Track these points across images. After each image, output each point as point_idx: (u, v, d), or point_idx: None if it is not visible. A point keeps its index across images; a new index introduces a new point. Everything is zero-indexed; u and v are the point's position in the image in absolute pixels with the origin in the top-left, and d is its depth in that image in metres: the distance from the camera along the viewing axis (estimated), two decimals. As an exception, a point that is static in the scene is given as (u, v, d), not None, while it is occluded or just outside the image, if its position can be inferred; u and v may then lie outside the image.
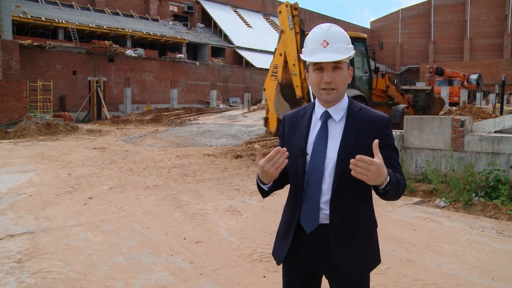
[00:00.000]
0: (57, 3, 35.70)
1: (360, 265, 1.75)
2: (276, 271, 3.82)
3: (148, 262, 4.02)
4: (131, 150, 12.83)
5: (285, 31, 10.26)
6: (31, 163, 10.03)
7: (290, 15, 10.17)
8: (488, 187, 6.31)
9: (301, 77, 10.15)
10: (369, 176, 1.50)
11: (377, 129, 1.71)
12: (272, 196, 7.21)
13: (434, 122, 7.45)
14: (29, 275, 3.69)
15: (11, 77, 21.46)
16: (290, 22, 10.22)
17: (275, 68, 10.57)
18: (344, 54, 1.69)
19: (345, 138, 1.70)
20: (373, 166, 1.49)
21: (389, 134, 1.73)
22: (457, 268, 3.90)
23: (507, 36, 54.45)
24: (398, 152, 1.78)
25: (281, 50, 10.55)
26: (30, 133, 16.96)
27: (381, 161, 1.53)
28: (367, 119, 1.72)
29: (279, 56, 10.64)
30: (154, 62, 33.79)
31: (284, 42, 10.36)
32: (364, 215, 1.78)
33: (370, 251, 1.79)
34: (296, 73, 10.15)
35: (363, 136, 1.69)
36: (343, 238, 1.72)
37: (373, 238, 1.82)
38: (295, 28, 10.11)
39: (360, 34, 11.72)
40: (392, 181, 1.59)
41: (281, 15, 10.31)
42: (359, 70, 11.00)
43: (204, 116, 24.42)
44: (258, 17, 55.25)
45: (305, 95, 10.37)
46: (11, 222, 5.24)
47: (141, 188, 7.41)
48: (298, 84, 10.23)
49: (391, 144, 1.74)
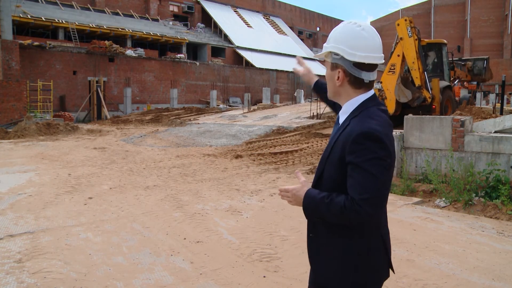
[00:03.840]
0: (57, 3, 35.71)
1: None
2: (276, 271, 3.82)
3: (148, 262, 4.02)
4: (131, 150, 12.83)
5: (404, 38, 13.54)
6: (31, 163, 10.03)
7: (408, 27, 13.43)
8: (488, 187, 6.31)
9: (419, 71, 13.55)
10: (292, 202, 1.70)
11: (344, 143, 1.57)
12: (272, 196, 7.16)
13: (434, 122, 7.45)
14: (29, 275, 3.69)
15: (11, 77, 21.47)
16: (409, 31, 13.42)
17: (392, 66, 13.65)
18: (321, 52, 1.75)
19: (328, 143, 1.71)
20: (289, 193, 1.70)
21: (355, 150, 1.52)
22: (457, 268, 3.90)
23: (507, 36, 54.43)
24: (365, 170, 1.51)
25: (399, 52, 13.66)
26: (30, 133, 16.96)
27: (298, 187, 1.66)
28: (346, 130, 1.60)
29: (397, 56, 13.70)
30: (154, 62, 33.79)
31: (403, 46, 13.59)
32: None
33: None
34: (415, 68, 13.55)
35: (336, 147, 1.63)
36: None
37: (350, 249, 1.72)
38: (413, 36, 13.41)
39: (442, 40, 16.30)
40: (310, 206, 1.62)
41: (399, 26, 13.60)
42: (446, 67, 15.59)
43: (204, 116, 24.42)
44: (258, 17, 55.26)
45: (422, 84, 13.70)
46: (11, 222, 5.25)
47: (141, 188, 7.41)
48: (417, 76, 13.61)
49: (354, 161, 1.52)
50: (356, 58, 1.61)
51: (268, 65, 43.91)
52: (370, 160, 1.51)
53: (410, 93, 13.66)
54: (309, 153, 11.46)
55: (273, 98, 39.94)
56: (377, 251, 1.67)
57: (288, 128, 16.53)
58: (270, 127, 17.00)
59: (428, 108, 14.05)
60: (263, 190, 7.30)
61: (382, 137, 1.54)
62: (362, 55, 1.61)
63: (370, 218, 1.52)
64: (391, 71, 13.78)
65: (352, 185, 1.53)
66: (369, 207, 1.50)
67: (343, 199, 1.54)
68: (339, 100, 1.75)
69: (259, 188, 7.43)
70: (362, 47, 1.61)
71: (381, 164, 1.52)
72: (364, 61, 1.61)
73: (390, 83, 13.76)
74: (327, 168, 1.66)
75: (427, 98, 13.80)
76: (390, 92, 13.76)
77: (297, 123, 17.58)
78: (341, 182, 1.60)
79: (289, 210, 5.92)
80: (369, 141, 1.52)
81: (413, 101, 13.75)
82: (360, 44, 1.61)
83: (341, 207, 1.53)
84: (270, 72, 43.44)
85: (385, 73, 14.08)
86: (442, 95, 14.47)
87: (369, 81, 1.66)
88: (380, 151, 1.52)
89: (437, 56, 15.84)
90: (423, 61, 14.08)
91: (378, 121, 1.58)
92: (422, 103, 13.91)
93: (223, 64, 40.44)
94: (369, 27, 1.65)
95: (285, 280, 3.65)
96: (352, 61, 1.62)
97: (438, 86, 14.30)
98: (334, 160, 1.62)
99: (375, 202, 1.52)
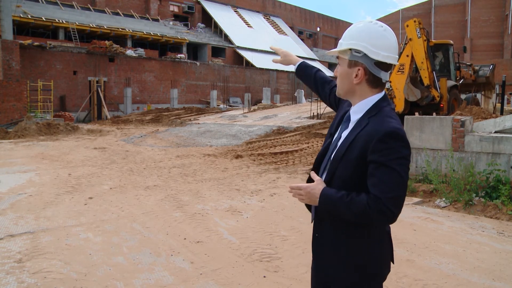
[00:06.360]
0: (58, 3, 35.72)
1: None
2: (276, 271, 3.82)
3: (148, 262, 4.02)
4: (131, 150, 12.83)
5: (413, 39, 13.80)
6: (31, 163, 10.03)
7: (418, 28, 13.71)
8: (488, 187, 6.30)
9: (428, 70, 13.83)
10: (305, 199, 1.67)
11: (367, 141, 1.56)
12: (272, 196, 7.16)
13: (434, 122, 7.44)
14: (30, 275, 3.69)
15: (12, 77, 21.47)
16: (418, 32, 13.66)
17: (401, 66, 13.88)
18: (337, 48, 1.73)
19: (344, 141, 1.67)
20: (302, 191, 1.67)
21: (381, 149, 1.51)
22: (458, 268, 3.90)
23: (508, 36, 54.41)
24: (392, 169, 1.50)
25: (408, 52, 13.93)
26: (31, 133, 16.96)
27: (313, 185, 1.64)
28: (366, 129, 1.59)
29: (406, 57, 13.93)
30: (154, 62, 33.80)
31: (412, 46, 13.87)
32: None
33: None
34: (424, 68, 13.85)
35: (354, 146, 1.60)
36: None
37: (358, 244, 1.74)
38: (422, 37, 13.68)
39: (448, 40, 16.52)
40: (327, 204, 1.61)
41: (408, 28, 13.89)
42: (452, 67, 15.85)
43: (204, 116, 24.42)
44: (259, 17, 55.26)
45: (431, 84, 13.95)
46: (11, 222, 5.25)
47: (141, 188, 7.42)
48: (426, 75, 13.89)
49: (379, 160, 1.51)
50: (379, 57, 1.62)
51: (268, 65, 43.88)
52: (396, 159, 1.51)
53: (419, 92, 13.92)
54: (309, 153, 11.46)
55: (273, 98, 39.96)
56: (384, 248, 1.69)
57: (288, 128, 16.53)
58: (270, 127, 17.00)
59: (436, 106, 14.29)
60: (263, 190, 7.30)
61: (405, 136, 1.56)
62: (385, 54, 1.63)
63: (394, 217, 1.52)
64: (400, 70, 13.99)
65: (376, 184, 1.52)
66: (394, 206, 1.50)
67: (366, 198, 1.53)
68: (351, 98, 1.73)
69: (259, 188, 7.43)
70: (385, 46, 1.63)
71: (405, 164, 1.53)
72: (386, 60, 1.63)
73: (399, 83, 14.00)
74: (342, 167, 1.64)
75: (436, 97, 14.06)
76: (399, 91, 14.03)
77: (297, 123, 17.58)
78: (355, 181, 1.59)
79: (289, 210, 5.92)
80: (395, 141, 1.53)
81: (422, 100, 14.01)
82: (383, 44, 1.63)
83: (364, 206, 1.51)
84: (270, 72, 43.43)
85: (394, 72, 14.35)
86: (449, 94, 14.70)
87: (384, 81, 1.68)
88: (404, 150, 1.54)
89: (444, 57, 16.17)
90: (431, 61, 14.37)
91: (397, 120, 1.60)
92: (430, 101, 14.15)
93: (223, 64, 40.43)
94: (389, 29, 1.68)
95: (285, 280, 3.65)
96: (374, 60, 1.63)
97: (446, 86, 14.56)
98: (351, 159, 1.61)
99: (400, 201, 1.52)
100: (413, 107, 14.50)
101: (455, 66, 16.12)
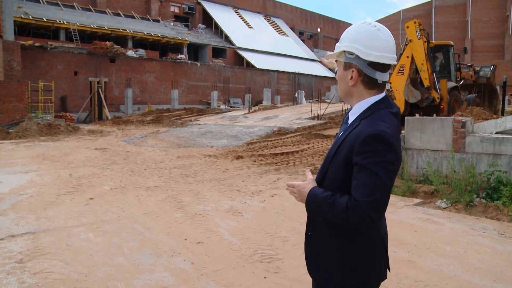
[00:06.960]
0: (59, 4, 35.79)
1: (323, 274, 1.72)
2: (276, 272, 3.82)
3: (149, 263, 4.02)
4: (132, 151, 12.84)
5: (414, 40, 13.77)
6: (32, 164, 10.04)
7: (418, 29, 13.68)
8: (489, 188, 6.30)
9: (428, 72, 13.89)
10: (297, 198, 1.71)
11: (352, 143, 1.55)
12: (273, 197, 7.15)
13: (435, 123, 7.44)
14: (30, 275, 3.69)
15: (13, 78, 21.51)
16: (418, 33, 13.66)
17: (402, 67, 13.89)
18: (333, 52, 1.74)
19: (335, 143, 1.70)
20: (294, 189, 1.72)
21: (363, 151, 1.50)
22: (458, 270, 3.89)
23: (508, 37, 54.38)
24: (373, 172, 1.48)
25: (408, 54, 13.96)
26: (32, 133, 16.99)
27: (304, 184, 1.69)
28: (355, 131, 1.59)
29: (406, 58, 13.97)
30: (155, 63, 33.83)
31: (412, 48, 13.84)
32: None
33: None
34: (424, 69, 13.88)
35: (343, 146, 1.61)
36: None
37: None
38: (423, 38, 13.69)
39: (449, 41, 16.58)
40: (312, 204, 1.63)
41: (409, 29, 13.86)
42: (453, 68, 15.93)
43: (205, 117, 24.43)
44: (259, 18, 55.29)
45: (431, 85, 14.06)
46: (12, 223, 5.25)
47: (142, 188, 7.42)
48: (426, 77, 13.94)
49: (361, 163, 1.50)
50: (371, 58, 1.60)
51: (269, 66, 43.93)
52: (378, 162, 1.49)
53: (419, 93, 13.94)
54: (310, 154, 11.46)
55: (274, 99, 39.96)
56: (376, 252, 1.67)
57: (289, 129, 16.52)
58: (271, 128, 17.00)
59: (436, 108, 14.29)
60: (264, 191, 7.30)
61: (392, 141, 1.52)
62: (378, 54, 1.60)
63: (371, 222, 1.50)
64: (400, 72, 14.02)
65: (357, 187, 1.51)
66: (372, 210, 1.48)
67: (346, 200, 1.52)
68: (350, 101, 1.73)
69: (260, 189, 7.42)
70: (377, 47, 1.61)
71: (389, 168, 1.50)
72: (380, 61, 1.61)
73: (399, 84, 14.02)
74: (332, 168, 1.66)
75: (436, 98, 14.06)
76: (399, 93, 14.05)
77: (298, 124, 17.58)
78: (345, 182, 1.59)
79: (290, 211, 5.92)
80: (379, 144, 1.50)
81: (422, 101, 14.03)
82: (375, 44, 1.61)
83: (343, 208, 1.51)
84: (271, 73, 43.45)
85: (394, 74, 14.36)
86: (450, 95, 14.67)
87: (382, 82, 1.65)
88: (389, 154, 1.50)
89: (444, 58, 16.15)
90: (431, 63, 14.37)
91: (389, 124, 1.56)
92: (431, 103, 14.15)
93: (224, 65, 40.46)
94: (384, 28, 1.65)
95: (285, 281, 3.65)
96: (367, 61, 1.61)
97: (446, 87, 14.54)
98: (339, 160, 1.61)
99: (379, 206, 1.49)
100: (413, 108, 14.47)
101: (455, 67, 16.16)
